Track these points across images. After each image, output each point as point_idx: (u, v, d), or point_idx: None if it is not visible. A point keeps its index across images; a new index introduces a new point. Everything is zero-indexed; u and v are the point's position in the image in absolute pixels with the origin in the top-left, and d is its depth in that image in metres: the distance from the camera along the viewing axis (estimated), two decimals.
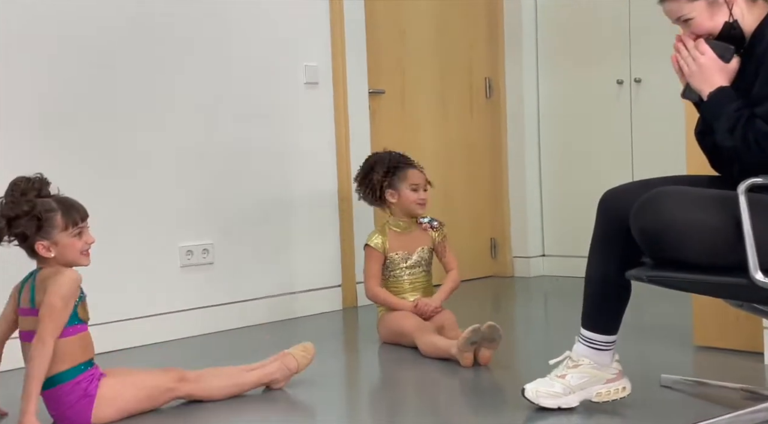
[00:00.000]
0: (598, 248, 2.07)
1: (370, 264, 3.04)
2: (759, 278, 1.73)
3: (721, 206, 1.80)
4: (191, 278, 3.34)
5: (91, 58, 3.09)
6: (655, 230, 1.83)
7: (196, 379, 2.33)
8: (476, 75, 4.57)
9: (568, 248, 4.44)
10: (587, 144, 4.47)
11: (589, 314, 2.08)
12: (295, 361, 2.45)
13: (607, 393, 2.09)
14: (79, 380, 2.14)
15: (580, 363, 2.07)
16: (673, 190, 1.89)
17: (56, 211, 2.13)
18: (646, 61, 4.23)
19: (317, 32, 3.77)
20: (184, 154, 3.34)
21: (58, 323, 2.09)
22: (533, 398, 2.07)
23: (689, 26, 1.99)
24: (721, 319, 2.68)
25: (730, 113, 1.88)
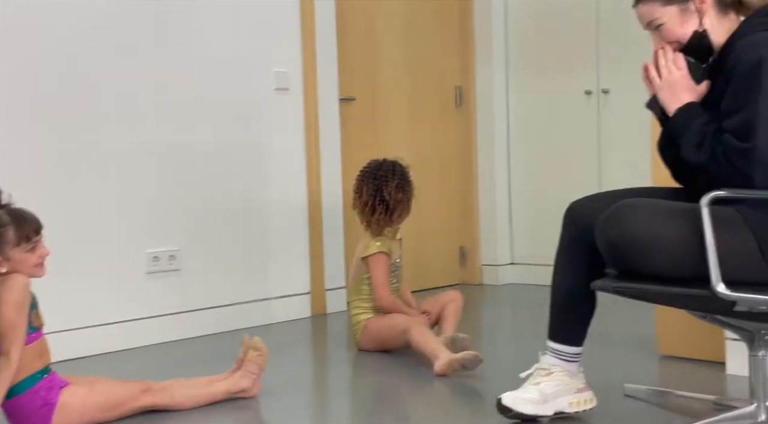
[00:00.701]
0: (564, 259, 2.08)
1: (384, 270, 2.99)
2: (720, 290, 1.75)
3: (685, 219, 1.81)
4: (157, 284, 3.31)
5: (59, 61, 3.05)
6: (621, 242, 1.84)
7: (163, 389, 2.29)
8: (447, 83, 4.59)
9: (537, 256, 4.47)
10: (556, 153, 4.50)
11: (556, 326, 2.09)
12: (254, 364, 2.42)
13: (578, 403, 2.10)
14: (37, 388, 2.11)
15: (552, 371, 2.08)
16: (638, 202, 1.90)
17: (9, 225, 2.07)
18: (614, 72, 4.28)
19: (288, 38, 3.76)
20: (151, 158, 3.31)
21: (20, 334, 2.05)
22: (511, 404, 2.05)
23: (659, 32, 2.01)
24: (684, 329, 2.71)
25: (697, 129, 1.90)
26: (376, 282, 2.99)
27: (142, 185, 3.28)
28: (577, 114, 4.41)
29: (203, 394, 2.35)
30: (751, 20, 1.94)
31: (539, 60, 4.53)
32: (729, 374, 2.52)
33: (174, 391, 2.31)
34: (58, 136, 3.06)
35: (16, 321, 2.04)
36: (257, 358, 2.43)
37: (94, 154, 3.15)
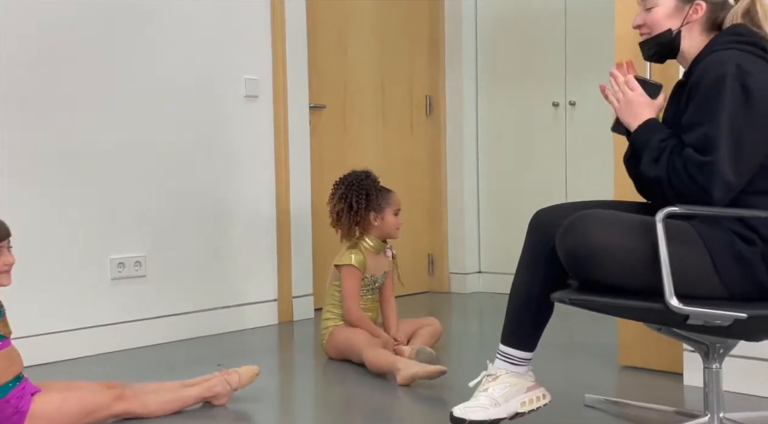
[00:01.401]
0: (525, 267, 2.08)
1: (354, 283, 2.97)
2: (674, 304, 1.77)
3: (641, 232, 1.83)
4: (123, 291, 3.29)
5: (28, 59, 3.03)
6: (578, 253, 1.85)
7: (135, 395, 2.28)
8: (417, 92, 4.62)
9: (504, 265, 4.50)
10: (524, 164, 4.54)
11: (510, 330, 2.10)
12: (237, 376, 2.43)
13: (530, 401, 2.08)
14: (8, 398, 2.08)
15: (499, 374, 2.09)
16: (595, 213, 1.91)
17: None
18: (581, 85, 4.33)
19: (258, 45, 3.76)
20: (118, 163, 3.29)
21: None
22: (462, 414, 2.05)
23: (648, 13, 2.03)
24: (644, 340, 2.74)
25: (655, 144, 1.93)
26: (345, 294, 2.99)
27: (108, 191, 3.25)
28: (544, 125, 4.46)
29: (176, 398, 2.34)
30: (718, 39, 1.97)
31: (508, 72, 4.57)
32: (686, 385, 2.56)
33: (146, 398, 2.29)
34: (22, 139, 3.03)
35: None
36: (244, 374, 2.45)
37: (63, 160, 3.13)
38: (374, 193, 3.02)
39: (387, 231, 3.05)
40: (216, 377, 2.42)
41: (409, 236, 4.54)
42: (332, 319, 3.04)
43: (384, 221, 3.03)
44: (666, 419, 2.18)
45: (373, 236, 3.04)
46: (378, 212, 3.02)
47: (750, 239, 1.84)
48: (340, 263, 3.01)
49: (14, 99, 3.00)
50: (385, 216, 3.03)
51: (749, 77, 1.83)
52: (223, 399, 2.42)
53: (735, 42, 1.92)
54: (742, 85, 1.83)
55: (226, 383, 2.41)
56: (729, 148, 1.82)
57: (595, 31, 4.21)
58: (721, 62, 1.87)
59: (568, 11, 4.35)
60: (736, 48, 1.90)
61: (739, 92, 1.83)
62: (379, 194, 3.03)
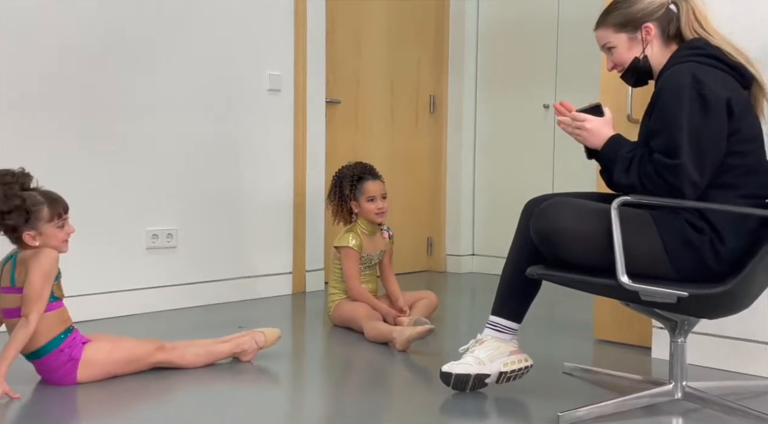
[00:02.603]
0: (515, 247, 2.12)
1: (352, 264, 3.01)
2: (624, 281, 1.83)
3: (601, 218, 1.87)
4: (155, 259, 3.33)
5: (78, 58, 3.06)
6: (546, 234, 1.92)
7: (173, 348, 2.35)
8: (422, 92, 4.63)
9: (495, 248, 4.54)
10: (516, 158, 4.56)
11: (499, 301, 2.13)
12: (263, 336, 2.49)
13: (512, 362, 2.11)
14: (61, 348, 2.14)
15: (484, 340, 2.12)
16: (564, 201, 1.96)
17: (43, 204, 2.12)
18: (570, 89, 4.33)
19: (281, 44, 3.78)
20: (155, 147, 3.32)
21: (42, 302, 2.07)
22: (449, 369, 2.09)
23: (612, 54, 2.07)
24: (617, 317, 2.78)
25: (623, 156, 1.95)
26: (345, 274, 3.02)
27: (146, 171, 3.29)
28: (535, 124, 4.48)
29: (209, 352, 2.40)
30: (678, 53, 1.99)
31: (504, 75, 4.59)
32: (654, 358, 2.59)
33: (184, 350, 2.36)
34: (77, 128, 3.06)
35: (41, 290, 2.06)
36: (269, 335, 2.51)
37: (107, 145, 3.16)
38: (347, 185, 3.06)
39: (367, 217, 3.06)
40: (245, 335, 2.47)
41: (410, 220, 4.57)
42: (336, 294, 3.08)
43: (361, 208, 3.06)
44: (634, 386, 2.20)
45: (364, 221, 3.08)
46: (355, 200, 3.06)
47: (700, 228, 1.87)
48: (339, 244, 3.06)
49: (72, 93, 3.04)
50: (361, 203, 3.06)
51: (704, 86, 1.86)
52: (250, 355, 2.47)
53: (692, 55, 1.94)
54: (698, 94, 1.85)
55: (254, 341, 2.46)
56: (691, 151, 1.84)
57: (584, 40, 4.21)
58: (679, 73, 1.90)
59: (560, 19, 4.36)
60: (693, 60, 1.92)
61: (695, 99, 1.85)
62: (355, 185, 3.06)
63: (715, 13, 2.15)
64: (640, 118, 2.73)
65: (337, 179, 3.13)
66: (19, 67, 2.92)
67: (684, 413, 2.04)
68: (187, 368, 2.36)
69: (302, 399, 2.26)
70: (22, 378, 2.18)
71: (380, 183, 3.10)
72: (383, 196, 3.08)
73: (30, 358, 2.16)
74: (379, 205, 3.06)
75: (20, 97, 2.93)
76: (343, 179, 3.10)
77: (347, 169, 3.13)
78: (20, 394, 2.07)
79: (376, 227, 3.12)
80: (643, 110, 2.59)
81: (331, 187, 3.15)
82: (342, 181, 3.09)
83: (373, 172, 3.14)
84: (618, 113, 2.78)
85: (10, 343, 2.04)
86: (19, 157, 2.51)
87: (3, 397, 2.02)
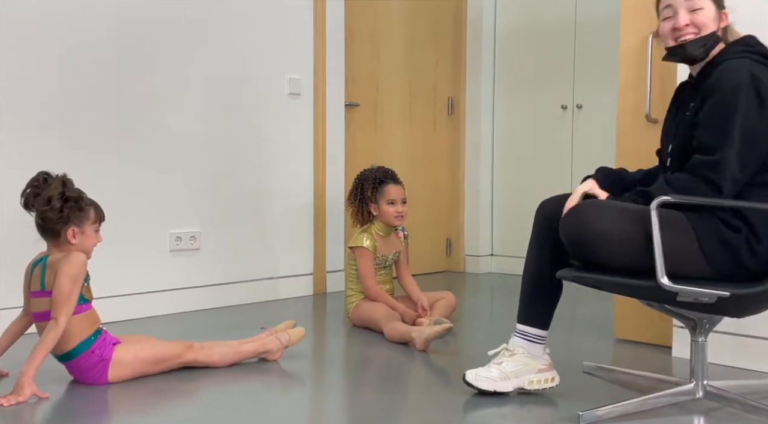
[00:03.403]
0: (533, 249, 2.08)
1: (368, 264, 3.03)
2: (664, 282, 1.80)
3: (636, 218, 1.84)
4: (179, 261, 3.37)
5: (101, 62, 3.10)
6: (579, 237, 1.87)
7: (201, 347, 2.37)
8: (440, 94, 4.64)
9: (513, 249, 4.53)
10: (534, 159, 4.55)
11: (525, 309, 2.09)
12: (287, 336, 2.51)
13: (538, 382, 2.10)
14: (92, 349, 2.17)
15: (516, 352, 2.08)
16: (596, 202, 1.92)
17: (92, 205, 2.18)
18: (588, 90, 4.32)
19: (301, 48, 3.81)
20: (179, 152, 3.36)
21: (70, 304, 2.10)
22: (473, 380, 2.09)
23: (695, 14, 1.97)
24: (638, 316, 2.76)
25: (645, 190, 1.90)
26: (360, 274, 3.04)
27: (169, 175, 3.32)
28: (553, 125, 4.46)
29: (235, 352, 2.42)
30: (733, 47, 1.96)
31: (522, 77, 4.58)
32: (674, 357, 2.58)
33: (212, 350, 2.38)
34: (103, 133, 3.10)
35: (69, 292, 2.09)
36: (294, 334, 2.53)
37: (133, 150, 3.20)
38: (368, 188, 3.08)
39: (385, 219, 3.08)
40: (269, 336, 2.49)
41: (429, 222, 4.58)
42: (354, 294, 3.10)
43: (381, 210, 3.08)
44: (655, 385, 2.18)
45: (380, 223, 3.10)
46: (374, 202, 3.08)
47: (736, 227, 1.85)
48: (354, 245, 3.08)
49: (94, 95, 3.07)
50: (380, 206, 3.08)
51: (761, 84, 1.84)
52: (276, 355, 2.49)
53: (747, 52, 1.92)
54: (756, 91, 1.84)
55: (278, 341, 2.49)
56: (738, 148, 1.82)
57: (601, 41, 4.21)
58: (736, 70, 1.87)
59: (578, 22, 4.35)
60: (748, 57, 1.90)
61: (753, 97, 1.83)
62: (376, 188, 3.08)
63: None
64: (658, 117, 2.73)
65: (358, 181, 3.16)
66: (42, 70, 2.96)
67: (706, 412, 2.03)
68: (214, 367, 2.38)
69: (324, 399, 2.27)
70: (55, 379, 2.22)
71: (401, 188, 3.13)
72: (403, 201, 3.11)
73: (62, 360, 2.19)
74: (398, 208, 3.08)
75: (45, 100, 2.97)
76: (365, 181, 3.12)
77: (369, 172, 3.15)
78: (51, 394, 2.10)
79: (391, 229, 3.13)
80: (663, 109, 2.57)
81: (353, 188, 3.17)
82: (364, 184, 3.12)
83: (395, 177, 3.17)
84: (636, 112, 2.78)
85: (40, 345, 2.07)
86: (42, 162, 2.55)
87: (32, 397, 2.04)
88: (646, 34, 2.72)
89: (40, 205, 2.11)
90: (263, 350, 2.47)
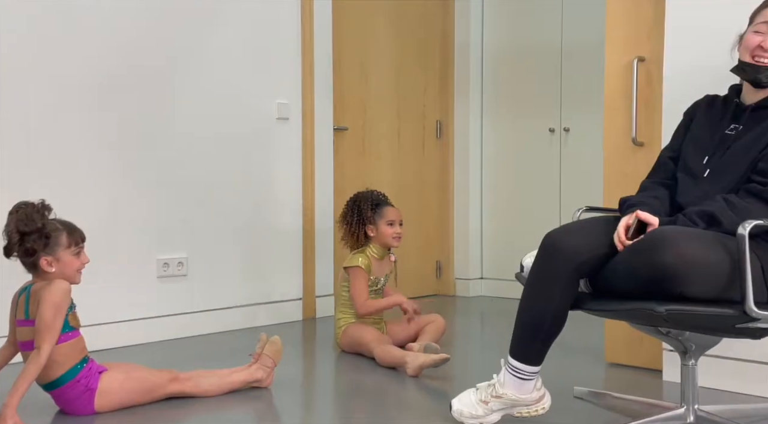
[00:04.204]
0: (542, 284, 1.92)
1: (363, 283, 3.00)
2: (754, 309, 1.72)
3: (720, 246, 1.77)
4: (167, 288, 3.33)
5: (87, 90, 3.09)
6: (674, 268, 1.72)
7: (188, 378, 2.34)
8: (429, 117, 4.65)
9: (503, 272, 4.51)
10: (523, 182, 4.56)
11: (520, 345, 1.97)
12: (270, 359, 2.47)
13: (528, 412, 2.04)
14: (78, 378, 2.14)
15: (502, 395, 2.00)
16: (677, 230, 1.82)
17: (62, 230, 2.14)
18: (575, 113, 4.34)
19: (290, 73, 3.81)
20: (166, 177, 3.34)
21: (53, 333, 2.07)
22: (458, 417, 2.03)
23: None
24: (628, 340, 2.75)
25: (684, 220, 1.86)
26: (355, 292, 3.01)
27: (155, 201, 3.31)
28: (541, 148, 4.48)
29: (224, 382, 2.39)
30: None
31: (510, 100, 4.60)
32: (665, 381, 2.56)
33: (199, 380, 2.35)
34: (86, 161, 3.09)
35: (52, 321, 2.06)
36: (274, 353, 2.48)
37: (119, 175, 3.18)
38: (366, 209, 3.07)
39: (384, 240, 3.08)
40: (253, 364, 2.46)
41: (419, 244, 4.57)
42: (344, 318, 3.07)
43: (379, 231, 3.07)
44: (646, 410, 2.17)
45: (377, 245, 3.09)
46: (372, 223, 3.07)
47: None
48: (350, 265, 3.06)
49: (81, 121, 3.06)
50: (378, 227, 3.07)
51: None
52: (267, 381, 2.47)
53: None
54: None
55: (264, 367, 2.45)
56: None
57: (587, 65, 4.23)
58: None
59: (564, 47, 4.38)
60: None
61: None
62: (374, 209, 3.08)
63: None
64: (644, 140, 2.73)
65: (354, 203, 3.13)
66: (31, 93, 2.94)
67: None
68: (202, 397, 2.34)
69: None
70: (41, 409, 2.18)
71: (397, 210, 3.15)
72: (401, 223, 3.12)
73: (47, 388, 2.16)
74: (397, 229, 3.09)
75: (36, 123, 2.95)
76: (361, 202, 3.10)
77: (365, 194, 3.15)
78: None
79: (385, 251, 3.12)
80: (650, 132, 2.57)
81: (347, 210, 3.14)
82: (361, 205, 3.10)
83: (388, 200, 3.19)
84: (623, 135, 2.79)
85: (23, 375, 2.03)
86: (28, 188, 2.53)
87: None
88: (631, 59, 2.74)
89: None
90: (252, 380, 2.44)
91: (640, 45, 2.74)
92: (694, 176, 2.04)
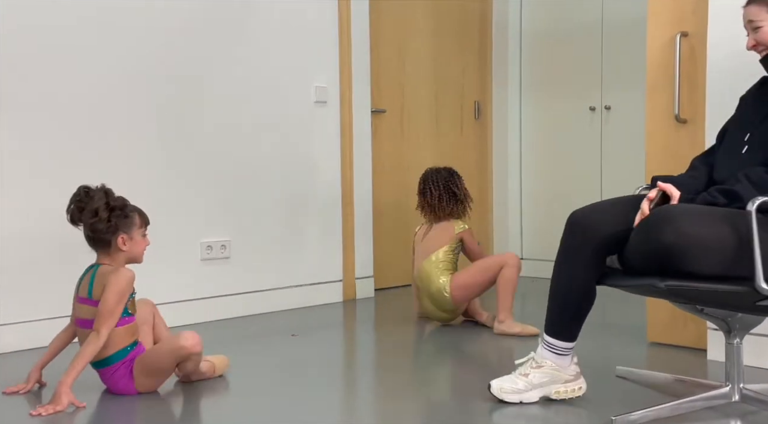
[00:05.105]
0: (565, 262, 1.98)
1: (474, 239, 3.33)
2: (764, 286, 1.71)
3: (727, 222, 1.76)
4: (210, 270, 3.41)
5: (132, 75, 3.15)
6: (676, 246, 1.74)
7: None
8: (467, 98, 4.63)
9: (543, 252, 4.50)
10: (562, 162, 4.52)
11: (553, 321, 2.03)
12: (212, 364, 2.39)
13: (565, 391, 2.08)
14: (126, 360, 2.21)
15: (543, 364, 2.05)
16: (683, 208, 1.82)
17: (135, 211, 2.22)
18: (616, 91, 4.29)
19: (327, 57, 3.83)
20: (208, 161, 3.40)
21: (113, 318, 2.13)
22: (497, 394, 2.07)
23: (757, 33, 1.98)
24: (671, 319, 2.73)
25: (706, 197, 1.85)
26: (473, 251, 3.28)
27: (200, 184, 3.37)
28: (581, 127, 4.43)
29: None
30: None
31: (549, 79, 4.56)
32: (710, 360, 2.54)
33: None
34: (141, 147, 3.16)
35: (114, 307, 2.13)
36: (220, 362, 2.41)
37: (161, 160, 3.25)
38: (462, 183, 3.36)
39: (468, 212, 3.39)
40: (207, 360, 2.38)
41: None
42: (443, 276, 3.16)
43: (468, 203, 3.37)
44: (690, 389, 2.15)
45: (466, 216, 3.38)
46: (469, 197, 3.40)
47: None
48: (461, 229, 3.26)
49: (122, 107, 3.13)
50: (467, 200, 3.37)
51: None
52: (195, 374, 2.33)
53: None
54: None
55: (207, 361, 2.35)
56: None
57: (629, 42, 4.17)
58: None
59: (604, 23, 4.32)
60: None
61: None
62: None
63: None
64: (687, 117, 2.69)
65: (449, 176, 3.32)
66: (79, 85, 3.02)
67: (742, 416, 2.00)
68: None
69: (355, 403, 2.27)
70: (92, 388, 2.26)
71: None
72: None
73: (96, 366, 2.23)
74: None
75: (83, 115, 3.03)
76: (457, 177, 3.33)
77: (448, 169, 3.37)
78: (88, 403, 2.13)
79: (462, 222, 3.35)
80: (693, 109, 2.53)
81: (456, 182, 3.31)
82: (458, 180, 3.33)
83: None
84: (665, 113, 2.75)
85: (79, 356, 2.10)
86: (78, 173, 2.60)
87: (69, 406, 2.08)
88: (674, 34, 2.70)
89: (88, 218, 2.16)
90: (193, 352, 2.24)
91: (684, 20, 2.70)
92: (733, 153, 2.02)
